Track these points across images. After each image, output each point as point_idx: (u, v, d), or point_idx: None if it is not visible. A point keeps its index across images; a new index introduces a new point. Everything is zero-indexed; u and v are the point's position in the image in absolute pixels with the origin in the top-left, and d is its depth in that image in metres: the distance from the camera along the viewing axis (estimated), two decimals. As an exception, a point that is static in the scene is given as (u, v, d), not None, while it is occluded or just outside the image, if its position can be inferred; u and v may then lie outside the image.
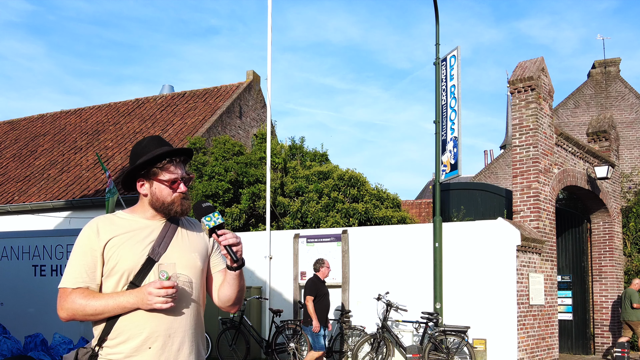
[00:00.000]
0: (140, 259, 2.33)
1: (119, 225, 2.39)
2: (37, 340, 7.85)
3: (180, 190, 2.43)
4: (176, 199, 2.42)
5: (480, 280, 10.15)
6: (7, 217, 15.47)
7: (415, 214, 20.04)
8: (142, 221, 2.44)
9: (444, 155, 11.16)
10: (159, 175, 2.42)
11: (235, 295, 2.48)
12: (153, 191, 2.43)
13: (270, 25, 12.65)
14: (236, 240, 2.32)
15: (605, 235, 13.48)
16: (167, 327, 2.31)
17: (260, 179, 13.53)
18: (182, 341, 2.35)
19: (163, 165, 2.42)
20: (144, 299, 2.24)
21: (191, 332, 2.39)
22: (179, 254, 2.40)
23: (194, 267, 2.43)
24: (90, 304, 2.27)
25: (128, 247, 2.34)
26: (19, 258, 8.62)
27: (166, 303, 2.23)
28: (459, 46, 11.06)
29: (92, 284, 2.32)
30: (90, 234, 2.35)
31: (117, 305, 2.26)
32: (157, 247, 2.37)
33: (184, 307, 2.36)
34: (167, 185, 2.41)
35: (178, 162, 2.45)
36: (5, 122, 21.75)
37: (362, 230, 11.49)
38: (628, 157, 20.18)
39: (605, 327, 13.20)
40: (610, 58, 21.65)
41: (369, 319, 10.96)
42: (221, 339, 11.33)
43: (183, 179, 2.44)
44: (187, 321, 2.37)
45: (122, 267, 2.31)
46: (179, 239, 2.45)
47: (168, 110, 18.36)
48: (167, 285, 2.22)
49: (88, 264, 2.32)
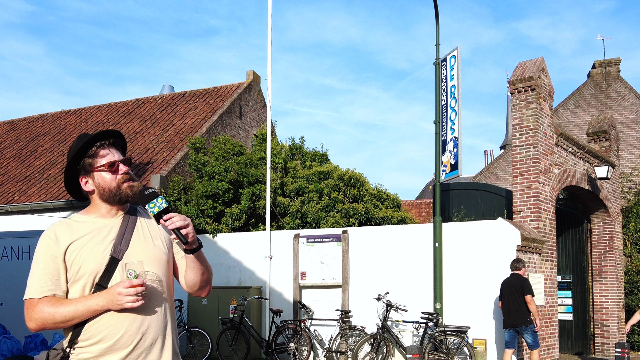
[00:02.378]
0: (103, 259, 2.29)
1: (76, 229, 2.35)
2: (37, 341, 7.85)
3: (122, 171, 2.39)
4: (120, 181, 2.37)
5: (481, 280, 10.15)
6: (7, 217, 15.47)
7: (416, 214, 20.03)
8: (98, 221, 2.39)
9: (444, 156, 11.16)
10: (95, 164, 2.38)
11: (199, 279, 2.43)
12: (97, 183, 2.38)
13: (271, 26, 12.65)
14: (184, 222, 2.25)
15: (606, 236, 13.48)
16: (139, 326, 2.28)
17: (261, 179, 13.52)
18: (155, 338, 2.33)
19: (94, 152, 2.38)
20: (113, 300, 2.21)
21: (163, 328, 2.37)
22: (142, 248, 2.37)
23: (160, 260, 2.40)
24: (59, 311, 2.22)
25: (89, 249, 2.30)
26: (19, 258, 8.62)
27: (137, 301, 2.21)
28: (459, 46, 11.07)
29: (59, 291, 2.28)
30: (48, 241, 2.30)
31: (86, 309, 2.23)
32: (119, 245, 2.33)
33: (155, 304, 2.34)
34: (107, 170, 2.37)
35: (109, 145, 2.41)
36: (6, 122, 21.76)
37: (362, 230, 11.50)
38: (628, 157, 20.18)
39: (605, 327, 13.20)
40: (611, 58, 21.65)
41: (369, 319, 10.96)
42: (221, 339, 11.33)
43: (121, 160, 2.40)
44: (159, 318, 2.35)
45: (86, 270, 2.27)
46: (139, 232, 2.41)
47: (168, 110, 18.36)
48: (136, 284, 2.19)
49: (51, 272, 2.27)
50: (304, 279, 11.69)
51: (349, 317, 11.05)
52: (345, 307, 11.21)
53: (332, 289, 11.49)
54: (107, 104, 20.31)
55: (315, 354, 11.21)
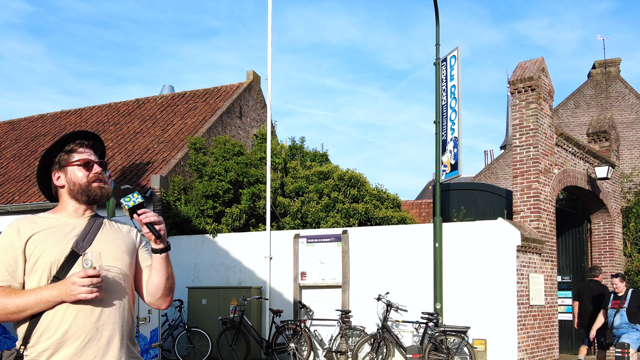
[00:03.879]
0: (63, 251, 2.25)
1: (40, 223, 2.33)
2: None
3: (95, 170, 2.39)
4: (91, 179, 2.36)
5: (481, 280, 10.15)
6: (7, 217, 15.47)
7: (416, 214, 20.02)
8: (64, 219, 2.37)
9: (444, 156, 11.15)
10: (70, 159, 2.39)
11: (163, 284, 2.38)
12: (69, 178, 2.38)
13: (271, 26, 12.66)
14: (158, 218, 2.26)
15: (606, 236, 13.47)
16: (95, 320, 2.22)
17: (261, 179, 13.52)
18: (112, 334, 2.25)
19: (71, 149, 2.40)
20: (67, 290, 2.14)
21: (122, 325, 2.30)
22: (106, 247, 2.32)
23: (122, 260, 2.35)
24: (11, 301, 2.17)
25: (51, 241, 2.26)
26: (19, 258, 8.63)
27: (91, 293, 2.14)
28: (459, 46, 11.07)
29: (14, 283, 2.24)
30: (10, 232, 2.28)
31: (39, 299, 2.17)
32: (81, 242, 2.30)
33: (114, 299, 2.27)
34: (80, 167, 2.37)
35: (87, 145, 2.42)
36: (6, 122, 21.75)
37: (362, 230, 11.49)
38: (628, 158, 20.17)
39: (605, 327, 13.18)
40: (611, 58, 21.65)
41: (369, 319, 10.96)
42: (221, 339, 11.33)
43: (97, 162, 2.41)
44: (117, 314, 2.28)
45: (45, 261, 2.23)
46: (104, 233, 2.39)
47: (168, 110, 18.36)
48: (91, 274, 2.13)
49: (9, 263, 2.24)
50: (304, 279, 11.69)
51: (349, 317, 11.05)
52: (345, 307, 11.21)
53: (332, 289, 11.49)
54: (107, 104, 20.30)
55: (315, 354, 11.21)
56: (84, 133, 2.45)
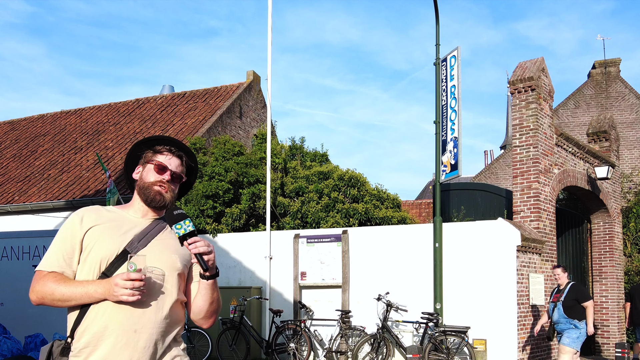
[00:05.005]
0: (116, 249, 2.27)
1: (104, 216, 2.36)
2: (37, 341, 7.85)
3: (165, 176, 2.40)
4: (156, 183, 2.38)
5: (481, 280, 10.15)
6: (7, 217, 15.47)
7: (416, 214, 20.02)
8: (128, 216, 2.40)
9: (444, 156, 11.15)
10: (153, 157, 2.42)
11: (207, 308, 2.37)
12: (143, 174, 2.42)
13: (271, 26, 12.65)
14: (207, 249, 2.22)
15: (606, 236, 13.47)
16: (134, 322, 2.21)
17: (261, 179, 13.52)
18: (151, 339, 2.23)
19: (160, 150, 2.43)
20: (110, 290, 2.16)
21: (163, 329, 2.27)
22: (158, 252, 2.32)
23: (173, 267, 2.33)
24: (59, 288, 2.21)
25: (107, 236, 2.29)
26: (19, 258, 8.61)
27: (132, 296, 2.14)
28: (459, 46, 11.06)
29: (68, 270, 2.28)
30: (75, 220, 2.33)
31: (84, 293, 2.20)
32: (137, 242, 2.30)
33: (156, 301, 2.25)
34: (155, 168, 2.40)
35: (175, 153, 2.45)
36: (6, 122, 21.75)
37: (362, 230, 11.49)
38: (628, 158, 20.17)
39: (605, 327, 13.20)
40: (611, 58, 21.65)
41: (369, 319, 10.96)
42: (221, 339, 11.33)
43: (174, 172, 2.42)
44: (158, 317, 2.25)
45: (96, 255, 2.26)
46: (162, 239, 2.38)
47: (168, 110, 18.36)
48: (134, 277, 2.13)
49: (66, 250, 2.29)
50: (304, 279, 11.69)
51: (349, 317, 11.05)
52: (346, 307, 11.21)
53: (332, 289, 11.49)
54: (107, 104, 20.30)
55: (315, 354, 11.21)
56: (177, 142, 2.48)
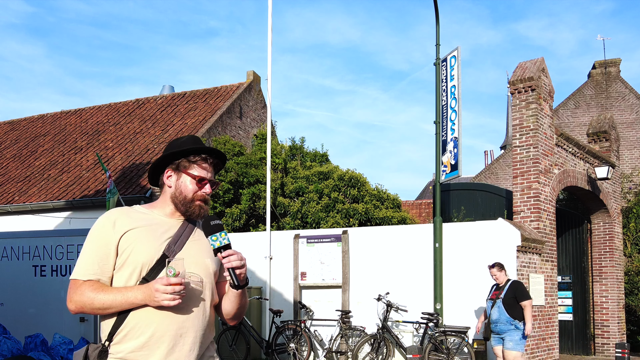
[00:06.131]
0: (155, 254, 2.27)
1: (135, 218, 2.34)
2: (37, 341, 7.85)
3: (205, 190, 2.40)
4: (197, 197, 2.38)
5: (481, 280, 10.14)
6: (7, 217, 15.47)
7: (416, 215, 20.03)
8: (159, 217, 2.39)
9: (444, 156, 11.15)
10: (189, 168, 2.39)
11: (234, 312, 2.45)
12: (179, 184, 2.39)
13: (271, 26, 12.65)
14: (240, 263, 2.25)
15: (606, 236, 13.46)
16: (178, 327, 2.24)
17: (261, 179, 13.52)
18: (194, 342, 2.29)
19: (196, 160, 2.40)
20: (151, 296, 2.17)
21: (203, 333, 2.33)
22: (193, 254, 2.34)
23: (207, 268, 2.37)
24: (98, 297, 2.20)
25: (144, 241, 2.28)
26: (19, 258, 8.61)
27: (173, 300, 2.16)
28: (459, 47, 11.05)
29: (104, 277, 2.27)
30: (106, 224, 2.29)
31: (124, 300, 2.20)
32: (173, 245, 2.31)
33: (196, 306, 2.30)
34: (194, 181, 2.38)
35: (211, 163, 2.44)
36: (6, 122, 21.75)
37: (363, 230, 11.49)
38: (628, 158, 20.17)
39: (605, 327, 13.19)
40: (611, 58, 21.65)
41: (369, 319, 10.96)
42: (221, 339, 11.33)
43: (211, 181, 2.42)
44: (199, 321, 2.31)
45: (136, 261, 2.25)
46: (195, 240, 2.40)
47: (168, 110, 18.36)
48: (174, 282, 2.14)
49: (101, 256, 2.26)
50: (304, 279, 11.69)
51: (349, 317, 11.05)
52: (346, 307, 11.21)
53: (332, 289, 11.49)
54: (107, 104, 20.30)
55: (316, 354, 11.21)
56: (215, 152, 2.45)
